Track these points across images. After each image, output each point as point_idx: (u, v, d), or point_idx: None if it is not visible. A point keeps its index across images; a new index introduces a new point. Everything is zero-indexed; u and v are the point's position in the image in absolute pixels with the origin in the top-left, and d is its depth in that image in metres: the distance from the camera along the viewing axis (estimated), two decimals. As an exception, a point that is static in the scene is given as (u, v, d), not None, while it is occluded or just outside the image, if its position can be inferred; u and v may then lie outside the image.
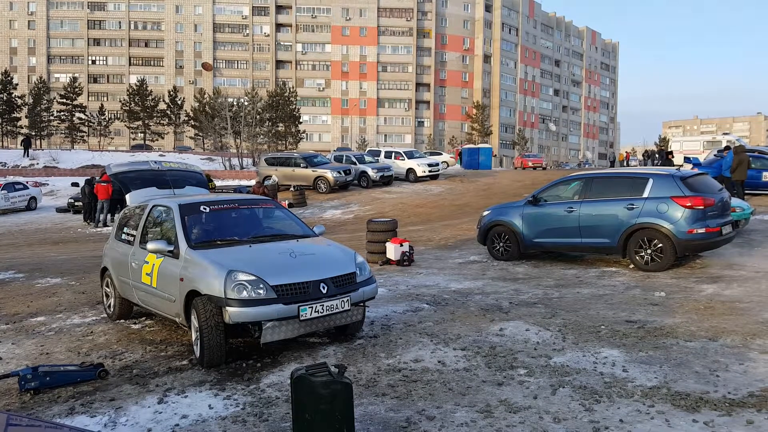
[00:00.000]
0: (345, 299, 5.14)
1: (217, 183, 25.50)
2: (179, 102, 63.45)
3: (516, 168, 47.75)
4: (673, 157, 15.16)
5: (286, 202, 21.22)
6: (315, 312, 4.97)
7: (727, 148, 16.11)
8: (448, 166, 37.01)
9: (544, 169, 45.45)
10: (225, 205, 6.30)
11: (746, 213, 11.17)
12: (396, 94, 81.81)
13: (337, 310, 5.09)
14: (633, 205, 8.45)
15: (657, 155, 41.37)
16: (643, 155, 44.96)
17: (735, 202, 10.64)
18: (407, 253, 10.07)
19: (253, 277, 4.92)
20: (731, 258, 8.88)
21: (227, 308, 4.83)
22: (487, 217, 10.38)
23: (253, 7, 79.25)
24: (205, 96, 56.32)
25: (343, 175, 24.61)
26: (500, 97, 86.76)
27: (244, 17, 79.22)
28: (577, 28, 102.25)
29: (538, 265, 9.44)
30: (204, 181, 9.19)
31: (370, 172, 25.72)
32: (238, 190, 17.22)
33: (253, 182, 24.05)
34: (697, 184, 8.47)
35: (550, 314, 6.22)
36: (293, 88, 56.11)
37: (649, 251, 8.32)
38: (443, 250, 11.90)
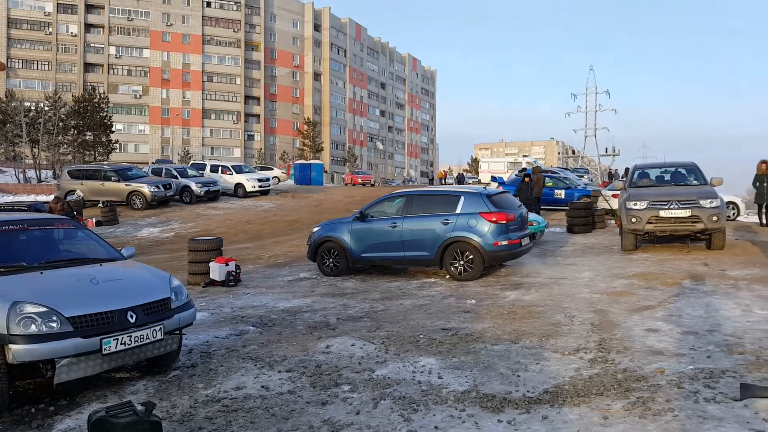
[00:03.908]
0: (157, 328, 4.72)
1: (6, 199, 22.19)
2: (-40, 104, 54.17)
3: (347, 184, 48.99)
4: (530, 179, 16.16)
5: (94, 220, 19.25)
6: (121, 344, 4.48)
7: (525, 169, 18.17)
8: (279, 181, 36.69)
9: (373, 185, 47.29)
10: (10, 226, 5.44)
11: (541, 226, 12.71)
12: (223, 105, 79.11)
13: (147, 341, 4.65)
14: (448, 220, 9.12)
15: (461, 177, 47.67)
16: (455, 178, 49.95)
17: (532, 216, 12.05)
18: (233, 273, 9.66)
19: (43, 309, 4.29)
20: (530, 266, 9.99)
21: (11, 346, 4.14)
22: (317, 234, 10.42)
23: (57, 4, 71.10)
24: (-5, 98, 48.82)
25: (163, 189, 22.97)
26: (331, 115, 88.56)
27: (46, 14, 70.69)
28: (400, 54, 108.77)
29: (365, 279, 9.68)
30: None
31: (194, 187, 24.38)
32: (33, 207, 15.08)
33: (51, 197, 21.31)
34: (501, 201, 9.42)
35: (375, 327, 6.38)
36: (104, 93, 51.04)
37: (462, 262, 9.02)
38: (273, 268, 11.66)
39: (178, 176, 25.05)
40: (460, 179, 45.92)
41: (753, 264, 9.26)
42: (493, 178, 28.18)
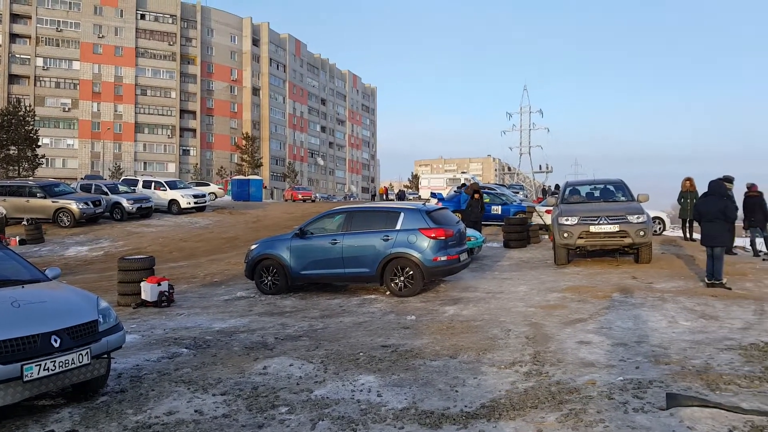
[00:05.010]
0: (83, 352, 4.48)
1: None
2: None
3: (287, 200, 48.43)
4: (480, 197, 15.98)
5: (17, 239, 18.16)
6: (44, 370, 4.23)
7: (464, 185, 18.53)
8: (216, 197, 35.79)
9: (314, 201, 46.97)
10: None
11: (479, 242, 13.00)
12: (158, 119, 76.68)
13: (73, 366, 4.40)
14: (388, 236, 9.18)
15: (402, 194, 48.36)
16: (396, 194, 50.57)
17: (470, 232, 12.30)
18: (166, 293, 9.33)
19: (-43, 335, 3.99)
20: (468, 281, 10.17)
21: None
22: (255, 251, 10.23)
23: (-21, 12, 67.26)
24: None
25: (92, 206, 21.93)
26: (270, 130, 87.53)
27: (-34, 22, 66.64)
28: (340, 70, 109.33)
29: (305, 297, 9.57)
30: None
31: (125, 204, 23.42)
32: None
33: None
34: (440, 217, 9.58)
35: (314, 346, 6.30)
36: (30, 106, 48.44)
37: (402, 278, 9.08)
38: (208, 287, 11.33)
39: (109, 192, 23.99)
40: (400, 195, 46.45)
41: (678, 276, 9.80)
42: (433, 194, 28.67)
